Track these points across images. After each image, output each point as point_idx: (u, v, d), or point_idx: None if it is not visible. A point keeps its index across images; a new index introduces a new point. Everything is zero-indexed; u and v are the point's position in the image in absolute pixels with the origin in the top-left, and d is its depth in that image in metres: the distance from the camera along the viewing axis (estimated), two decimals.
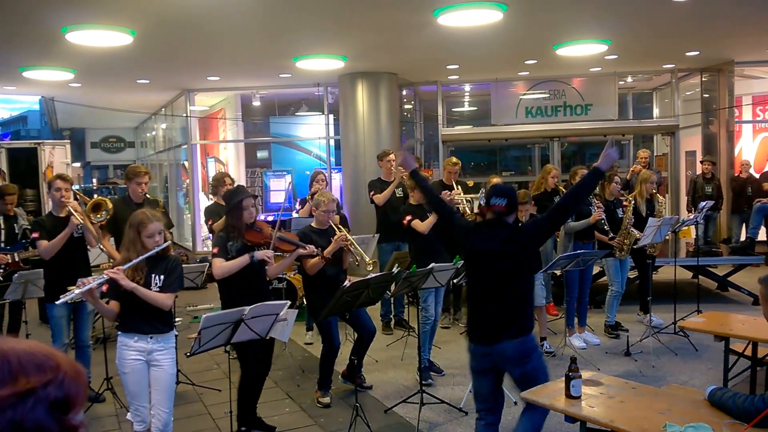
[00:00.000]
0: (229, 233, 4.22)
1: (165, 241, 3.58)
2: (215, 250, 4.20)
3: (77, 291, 3.27)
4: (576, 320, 6.55)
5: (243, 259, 4.14)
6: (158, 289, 3.51)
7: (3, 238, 6.01)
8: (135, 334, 3.51)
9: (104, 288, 3.40)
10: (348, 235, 4.83)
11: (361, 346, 5.09)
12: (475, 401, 3.59)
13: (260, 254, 4.18)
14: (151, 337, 3.52)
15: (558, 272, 6.65)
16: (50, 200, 5.13)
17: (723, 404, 2.79)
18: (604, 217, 6.09)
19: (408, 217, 5.41)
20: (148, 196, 5.64)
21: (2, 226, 6.02)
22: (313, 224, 4.96)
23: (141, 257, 3.45)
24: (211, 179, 7.40)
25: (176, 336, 3.99)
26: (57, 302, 3.46)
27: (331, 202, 4.87)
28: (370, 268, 4.91)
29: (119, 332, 3.56)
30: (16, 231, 6.09)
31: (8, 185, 6.71)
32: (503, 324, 3.36)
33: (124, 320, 3.54)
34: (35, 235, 4.86)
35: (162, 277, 3.54)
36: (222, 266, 4.14)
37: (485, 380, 3.51)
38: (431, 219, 5.30)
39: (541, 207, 6.50)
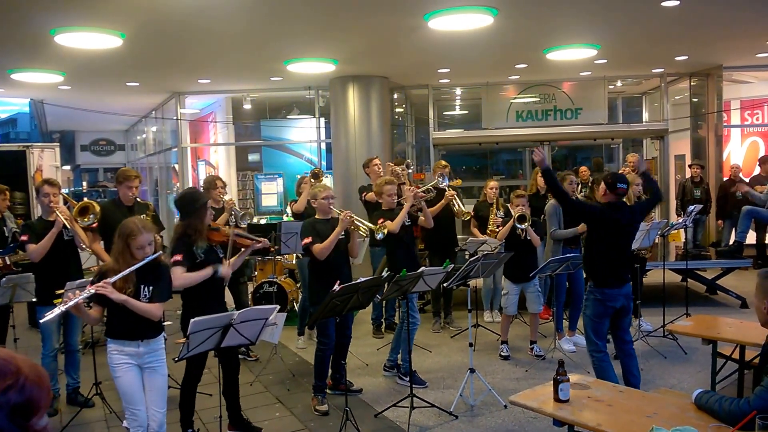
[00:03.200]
0: (190, 236, 4.01)
1: (156, 250, 3.56)
2: (179, 257, 3.92)
3: (63, 307, 3.20)
4: (567, 323, 6.59)
5: (206, 272, 3.99)
6: (147, 300, 3.49)
7: None
8: (124, 340, 3.50)
9: None
10: (351, 213, 4.90)
11: (339, 349, 5.11)
12: (599, 340, 4.60)
13: (224, 272, 4.08)
14: (141, 341, 3.51)
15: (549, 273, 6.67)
16: (39, 204, 5.10)
17: (709, 407, 2.81)
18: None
19: (380, 220, 5.36)
20: (138, 199, 5.63)
21: None
22: (317, 216, 5.07)
23: (130, 269, 3.40)
24: (202, 182, 7.38)
25: (165, 340, 3.97)
26: (42, 321, 3.41)
27: (327, 190, 5.01)
28: (383, 232, 5.11)
29: (108, 339, 3.54)
30: (6, 234, 6.04)
31: None
32: (628, 271, 4.72)
33: (113, 327, 3.52)
34: (24, 238, 4.83)
35: (151, 288, 3.51)
36: (184, 277, 3.91)
37: (608, 320, 4.64)
38: (399, 218, 5.33)
39: (532, 207, 6.53)
